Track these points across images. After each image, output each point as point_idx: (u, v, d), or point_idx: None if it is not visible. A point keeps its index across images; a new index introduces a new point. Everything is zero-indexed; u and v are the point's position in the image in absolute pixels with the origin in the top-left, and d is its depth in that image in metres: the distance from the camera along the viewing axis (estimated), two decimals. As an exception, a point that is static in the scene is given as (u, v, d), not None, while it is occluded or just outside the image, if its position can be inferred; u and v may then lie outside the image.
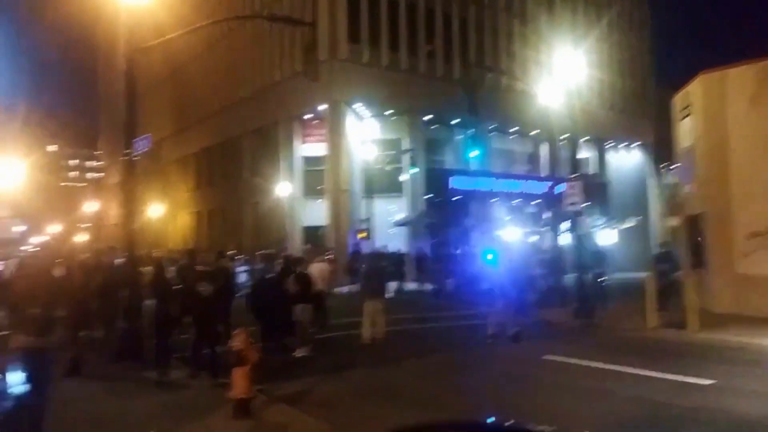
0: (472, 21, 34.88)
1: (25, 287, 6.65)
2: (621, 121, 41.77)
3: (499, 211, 36.72)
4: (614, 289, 20.42)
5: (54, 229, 58.51)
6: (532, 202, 37.81)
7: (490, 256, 14.04)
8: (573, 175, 17.67)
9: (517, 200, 37.40)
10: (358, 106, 32.18)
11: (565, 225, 22.16)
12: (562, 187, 17.53)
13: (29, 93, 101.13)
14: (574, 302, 16.55)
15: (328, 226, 31.61)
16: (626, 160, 45.12)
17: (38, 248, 36.94)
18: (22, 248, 44.82)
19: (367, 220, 28.14)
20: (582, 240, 17.61)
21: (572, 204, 16.33)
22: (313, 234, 33.41)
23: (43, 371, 6.32)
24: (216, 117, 42.28)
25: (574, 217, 16.84)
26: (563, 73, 18.10)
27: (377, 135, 32.99)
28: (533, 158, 40.35)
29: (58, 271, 8.92)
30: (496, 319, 13.22)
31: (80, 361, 10.16)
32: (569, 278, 19.09)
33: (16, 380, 6.21)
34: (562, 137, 34.26)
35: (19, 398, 6.14)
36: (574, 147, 19.25)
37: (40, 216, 65.28)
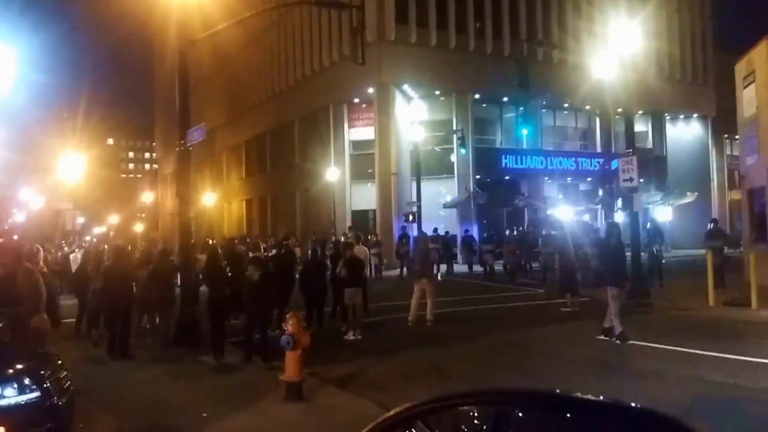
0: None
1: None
2: (680, 92, 39.94)
3: (552, 189, 36.08)
4: (671, 267, 19.75)
5: (113, 219, 60.56)
6: (587, 179, 36.98)
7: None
8: (627, 151, 17.08)
9: (569, 178, 36.65)
10: (407, 88, 31.98)
11: (620, 202, 21.54)
12: (616, 164, 16.97)
13: (89, 90, 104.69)
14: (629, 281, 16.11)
15: (377, 209, 31.69)
16: (686, 133, 43.37)
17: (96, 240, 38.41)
18: (86, 238, 46.88)
19: (415, 203, 27.97)
20: (638, 217, 17.04)
21: (627, 181, 15.83)
22: (362, 218, 33.55)
23: None
24: (266, 104, 42.81)
25: (629, 194, 16.31)
26: (618, 43, 17.43)
27: (426, 116, 32.79)
28: (587, 134, 39.31)
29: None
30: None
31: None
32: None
33: None
34: (617, 111, 33.25)
35: None
36: (629, 121, 18.54)
37: (101, 207, 67.78)
